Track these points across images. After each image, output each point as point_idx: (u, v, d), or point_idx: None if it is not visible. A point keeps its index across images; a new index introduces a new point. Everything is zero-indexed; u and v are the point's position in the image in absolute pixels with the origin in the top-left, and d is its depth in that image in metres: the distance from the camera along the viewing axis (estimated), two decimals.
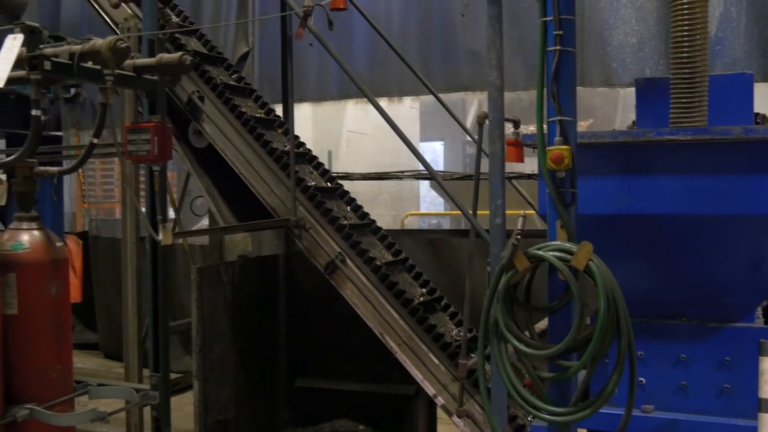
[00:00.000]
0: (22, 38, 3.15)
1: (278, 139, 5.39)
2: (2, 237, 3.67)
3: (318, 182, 5.31)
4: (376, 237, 5.24)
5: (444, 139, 12.81)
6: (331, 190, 5.34)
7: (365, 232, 5.20)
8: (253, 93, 5.66)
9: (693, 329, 3.54)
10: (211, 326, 4.85)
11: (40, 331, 3.65)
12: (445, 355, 4.50)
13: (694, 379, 3.51)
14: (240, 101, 5.36)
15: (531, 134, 3.51)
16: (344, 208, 5.29)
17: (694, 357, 3.52)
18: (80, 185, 9.73)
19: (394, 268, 4.98)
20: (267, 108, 5.67)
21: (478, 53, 6.69)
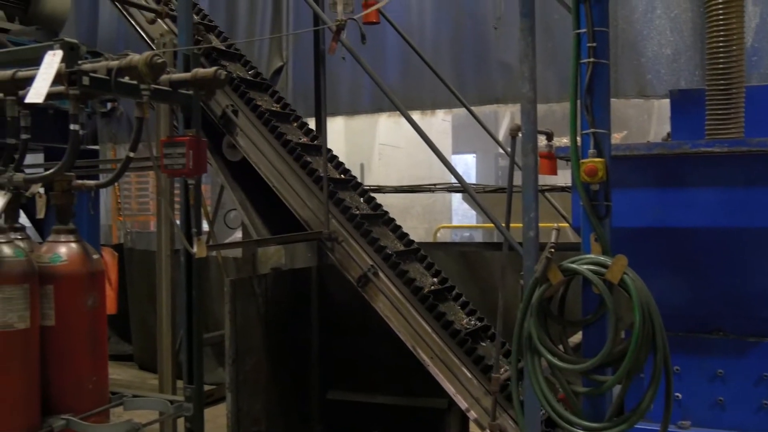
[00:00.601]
0: (61, 54, 3.20)
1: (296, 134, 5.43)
2: (40, 249, 3.73)
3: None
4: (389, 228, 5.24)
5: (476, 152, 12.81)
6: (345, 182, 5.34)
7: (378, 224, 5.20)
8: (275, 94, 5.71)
9: (730, 344, 3.48)
10: (244, 338, 4.87)
11: (77, 343, 3.69)
12: (478, 369, 4.47)
13: (731, 395, 3.45)
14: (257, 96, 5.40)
15: (564, 147, 3.48)
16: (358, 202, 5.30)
17: (731, 372, 3.46)
18: (116, 198, 9.86)
19: (414, 268, 4.98)
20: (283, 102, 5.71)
21: (511, 66, 6.68)
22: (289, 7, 7.69)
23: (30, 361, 3.50)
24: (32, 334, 3.49)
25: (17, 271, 3.41)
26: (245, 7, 7.92)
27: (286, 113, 5.66)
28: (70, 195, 3.76)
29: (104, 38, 8.66)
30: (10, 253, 3.42)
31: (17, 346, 3.42)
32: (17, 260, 3.43)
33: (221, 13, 7.91)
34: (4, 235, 3.47)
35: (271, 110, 5.39)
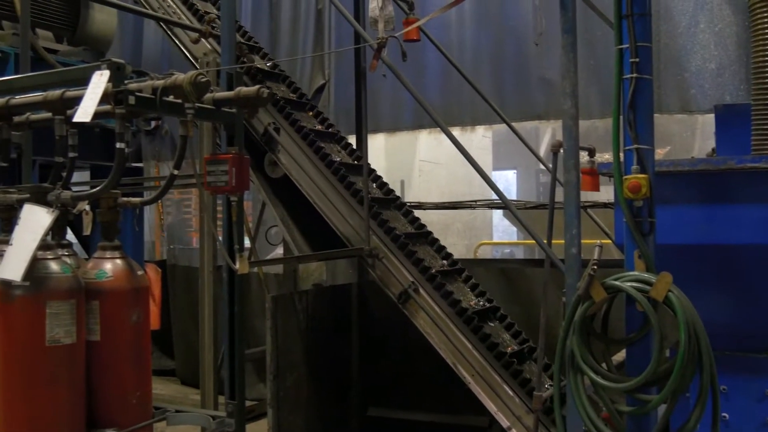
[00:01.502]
0: (108, 74, 3.26)
1: (342, 157, 5.46)
2: (86, 265, 3.78)
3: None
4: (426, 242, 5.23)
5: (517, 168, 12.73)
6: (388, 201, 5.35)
7: (421, 242, 5.20)
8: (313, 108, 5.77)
9: None
10: (286, 354, 4.90)
11: (122, 358, 3.73)
12: (520, 387, 4.43)
13: None
14: (306, 121, 5.45)
15: (607, 162, 3.46)
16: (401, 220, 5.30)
17: None
18: (159, 214, 9.99)
19: (456, 286, 4.96)
20: (327, 123, 5.76)
21: (552, 81, 6.65)
22: (330, 26, 7.77)
23: (76, 376, 3.55)
24: (78, 349, 3.54)
25: (64, 286, 3.47)
26: (287, 26, 8.02)
27: (330, 132, 5.71)
28: (116, 212, 3.82)
29: (149, 58, 8.83)
30: (58, 269, 3.48)
31: (64, 361, 3.48)
32: (64, 276, 3.49)
33: (264, 32, 8.02)
34: (52, 251, 3.53)
35: (314, 129, 5.44)
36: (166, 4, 6.11)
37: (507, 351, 4.60)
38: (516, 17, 7.00)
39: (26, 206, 3.50)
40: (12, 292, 3.39)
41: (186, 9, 6.10)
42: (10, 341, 3.44)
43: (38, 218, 3.44)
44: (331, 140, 5.64)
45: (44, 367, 3.42)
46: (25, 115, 4.18)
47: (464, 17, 7.20)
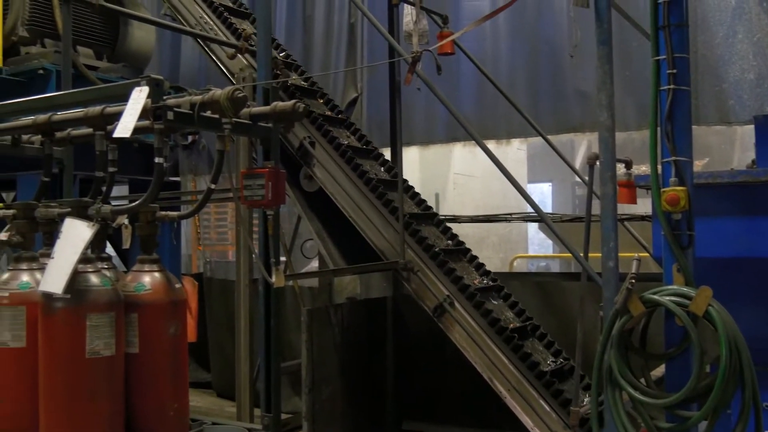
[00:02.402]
0: (147, 90, 3.32)
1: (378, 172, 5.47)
2: (125, 279, 3.84)
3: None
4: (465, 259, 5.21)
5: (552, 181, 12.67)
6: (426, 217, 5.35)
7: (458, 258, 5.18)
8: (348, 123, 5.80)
9: None
10: (321, 368, 4.91)
11: (160, 370, 3.77)
12: (557, 402, 4.39)
13: None
14: (339, 133, 5.48)
15: (644, 175, 3.43)
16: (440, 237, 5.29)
17: None
18: (196, 228, 10.09)
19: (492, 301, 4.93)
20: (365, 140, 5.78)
21: (588, 94, 6.61)
22: (363, 39, 7.81)
23: (115, 388, 3.60)
24: (117, 361, 3.59)
25: (104, 299, 3.52)
26: (320, 40, 8.08)
27: (367, 149, 5.73)
28: (154, 226, 3.87)
29: (186, 73, 8.95)
30: (98, 282, 3.53)
31: (103, 373, 3.52)
32: (104, 289, 3.54)
33: (297, 45, 8.09)
34: (92, 264, 3.59)
35: (351, 146, 5.46)
36: (204, 20, 6.20)
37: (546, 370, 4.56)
38: (551, 29, 6.97)
39: (67, 220, 3.56)
40: (53, 304, 3.45)
41: (222, 25, 6.18)
42: (51, 353, 3.49)
43: (79, 232, 3.50)
44: (367, 156, 5.66)
45: (84, 379, 3.47)
46: (66, 131, 4.27)
47: (499, 30, 7.19)
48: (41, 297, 3.50)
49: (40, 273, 3.65)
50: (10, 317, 3.65)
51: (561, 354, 4.86)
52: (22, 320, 3.65)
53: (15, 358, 3.66)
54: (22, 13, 6.61)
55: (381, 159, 5.76)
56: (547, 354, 4.82)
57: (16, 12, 6.59)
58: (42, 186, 4.36)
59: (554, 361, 4.80)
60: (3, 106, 4.25)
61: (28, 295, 3.65)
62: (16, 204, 3.95)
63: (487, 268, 5.32)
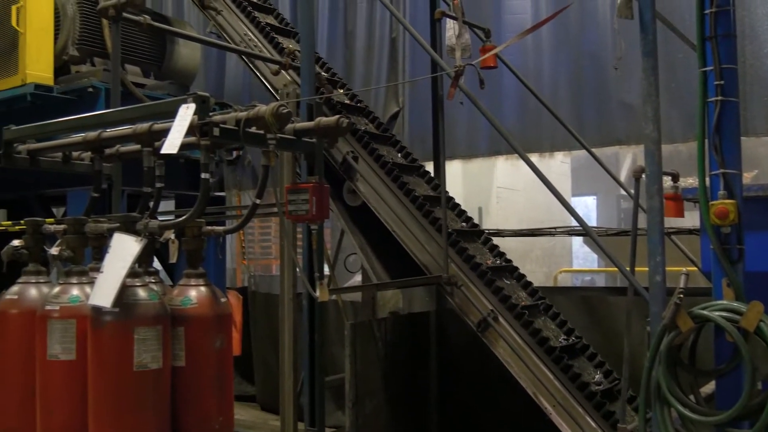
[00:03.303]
0: (194, 107, 3.37)
1: (422, 187, 5.48)
2: (172, 292, 3.89)
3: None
4: (513, 276, 5.17)
5: (597, 194, 12.54)
6: (472, 234, 5.33)
7: (504, 274, 5.14)
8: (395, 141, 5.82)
9: None
10: (364, 382, 4.90)
11: (205, 383, 3.81)
12: (603, 419, 4.33)
13: None
14: (385, 150, 5.49)
15: (691, 188, 3.37)
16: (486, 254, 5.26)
17: None
18: (240, 242, 10.20)
19: (538, 316, 4.89)
20: (411, 158, 5.79)
21: (632, 106, 6.54)
22: (404, 53, 7.84)
23: (162, 400, 3.64)
24: (164, 374, 3.63)
25: (151, 313, 3.57)
26: (362, 54, 8.13)
27: (411, 165, 5.74)
28: (201, 240, 3.92)
29: (231, 89, 9.07)
30: (145, 296, 3.59)
31: (150, 386, 3.57)
32: (151, 303, 3.59)
33: (339, 60, 8.15)
34: (140, 279, 3.64)
35: (395, 162, 5.47)
36: (248, 38, 6.29)
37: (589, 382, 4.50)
38: (594, 41, 6.92)
39: (116, 235, 3.62)
40: (102, 318, 3.51)
41: (267, 42, 6.26)
42: (100, 366, 3.55)
43: (127, 246, 3.56)
44: (411, 171, 5.66)
45: (132, 392, 3.52)
46: (115, 148, 4.36)
47: (541, 43, 7.17)
48: (91, 310, 3.56)
49: (89, 287, 3.72)
50: (61, 330, 3.73)
51: (611, 374, 4.78)
52: (72, 333, 3.72)
53: (65, 371, 3.72)
54: (73, 33, 6.77)
55: (425, 174, 5.76)
56: (595, 372, 4.75)
57: (67, 32, 6.75)
58: (91, 201, 4.45)
59: (603, 379, 4.72)
60: (54, 124, 4.36)
61: (78, 309, 3.72)
62: (67, 219, 4.03)
63: (532, 284, 5.27)
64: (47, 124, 4.38)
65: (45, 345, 3.73)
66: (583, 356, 4.85)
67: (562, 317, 5.07)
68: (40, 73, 6.42)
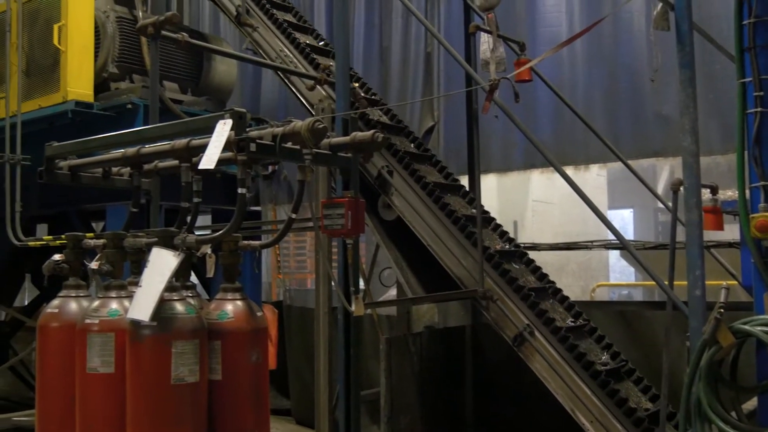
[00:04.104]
0: (231, 123, 3.41)
1: (460, 204, 5.46)
2: (209, 306, 3.91)
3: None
4: (556, 299, 5.13)
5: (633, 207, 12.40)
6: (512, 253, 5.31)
7: (546, 296, 5.10)
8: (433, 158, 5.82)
9: None
10: (399, 396, 4.89)
11: (242, 397, 3.82)
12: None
13: None
14: (423, 169, 5.50)
15: (731, 200, 3.34)
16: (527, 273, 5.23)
17: None
18: (276, 256, 10.25)
19: (579, 335, 4.84)
20: (452, 177, 5.79)
21: (669, 117, 6.48)
22: (440, 68, 7.86)
23: (199, 414, 3.66)
24: (201, 388, 3.66)
25: (189, 327, 3.60)
26: (397, 68, 8.17)
27: (450, 184, 5.72)
28: (237, 255, 3.94)
29: (266, 104, 9.17)
30: (183, 310, 3.62)
31: (188, 399, 3.59)
32: (189, 317, 3.62)
33: (374, 75, 8.20)
34: (177, 293, 3.67)
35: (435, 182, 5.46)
36: (284, 53, 6.35)
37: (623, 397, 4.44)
38: (630, 53, 6.88)
39: (154, 249, 3.66)
40: (141, 331, 3.54)
41: (302, 58, 6.32)
42: (138, 379, 3.59)
43: (165, 261, 3.60)
44: (447, 186, 5.64)
45: (170, 405, 3.55)
46: (153, 163, 4.41)
47: (576, 55, 7.14)
48: (129, 324, 3.60)
49: (128, 301, 3.76)
50: (100, 344, 3.77)
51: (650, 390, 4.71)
52: (111, 347, 3.76)
53: (104, 384, 3.76)
54: (113, 50, 6.90)
55: (460, 188, 5.75)
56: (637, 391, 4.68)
57: (107, 50, 6.88)
58: (130, 216, 4.51)
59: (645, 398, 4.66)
60: (95, 140, 4.44)
61: (116, 323, 3.76)
62: (106, 234, 4.08)
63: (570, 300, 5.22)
64: (87, 141, 4.45)
65: (84, 358, 3.78)
66: (622, 374, 4.78)
67: (592, 325, 5.02)
68: (81, 90, 6.54)
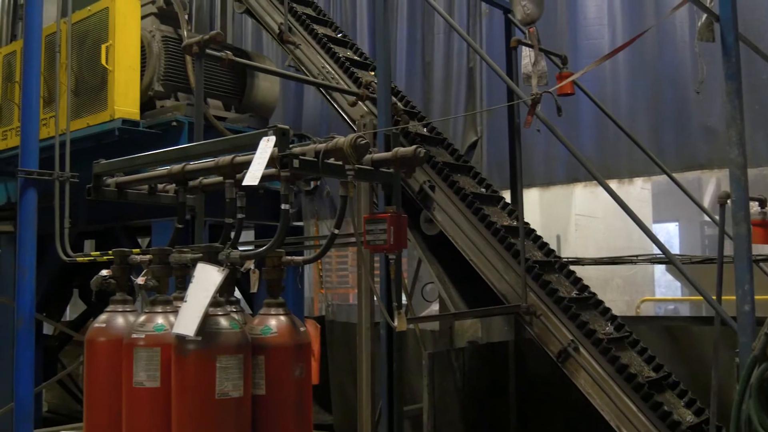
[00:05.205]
0: (274, 140, 3.44)
1: (502, 217, 5.44)
2: (252, 322, 3.94)
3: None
4: (597, 311, 5.07)
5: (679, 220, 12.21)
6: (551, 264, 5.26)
7: (587, 307, 5.04)
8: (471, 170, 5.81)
9: None
10: (442, 413, 4.87)
11: (285, 412, 3.83)
12: None
13: None
14: (463, 181, 5.49)
15: None
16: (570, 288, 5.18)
17: None
18: (318, 272, 10.29)
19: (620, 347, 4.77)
20: (491, 189, 5.77)
21: (714, 129, 6.39)
22: (482, 82, 7.86)
23: (242, 429, 3.67)
24: (245, 403, 3.67)
25: (233, 342, 3.63)
26: (440, 84, 8.19)
27: (490, 195, 5.71)
28: (280, 270, 3.96)
29: (309, 121, 9.24)
30: (227, 325, 3.64)
31: (232, 414, 3.61)
32: (233, 332, 3.65)
33: (417, 91, 8.22)
34: (222, 308, 3.71)
35: (475, 193, 5.45)
36: (326, 70, 6.41)
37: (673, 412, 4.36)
38: (674, 65, 6.81)
39: (199, 265, 3.70)
40: (186, 346, 3.58)
41: (343, 73, 6.36)
42: (183, 393, 3.62)
43: (210, 276, 3.63)
44: (489, 200, 5.63)
45: (214, 419, 3.57)
46: (198, 180, 4.48)
47: (618, 68, 7.09)
48: (174, 339, 3.64)
49: (173, 316, 3.80)
50: (146, 358, 3.81)
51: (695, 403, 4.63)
52: (156, 361, 3.80)
53: (150, 398, 3.80)
54: (158, 69, 7.03)
55: (502, 203, 5.73)
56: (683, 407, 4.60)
57: (153, 69, 7.01)
58: (176, 232, 4.57)
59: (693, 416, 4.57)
60: (141, 158, 4.51)
61: (162, 337, 3.80)
62: (152, 250, 4.14)
63: (610, 311, 5.16)
64: (134, 158, 4.53)
65: (131, 372, 3.82)
66: (669, 389, 4.71)
67: (642, 345, 4.95)
68: (128, 108, 6.65)
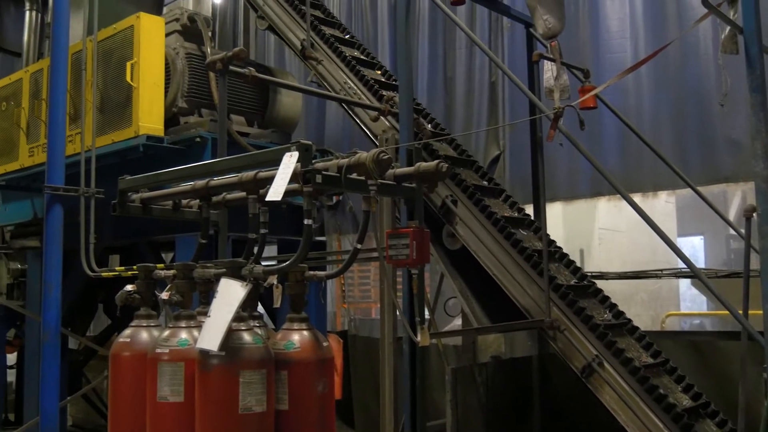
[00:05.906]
0: (297, 155, 3.45)
1: (529, 238, 5.41)
2: (276, 336, 3.94)
3: (570, 281, 5.22)
4: (633, 337, 5.01)
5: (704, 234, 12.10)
6: (584, 288, 5.23)
7: (621, 333, 4.99)
8: (502, 193, 5.78)
9: None
10: (465, 428, 4.84)
11: (308, 427, 3.82)
12: None
13: None
14: (491, 202, 5.47)
15: None
16: (598, 308, 5.13)
17: None
18: (340, 286, 10.30)
19: (654, 371, 4.71)
20: (516, 207, 5.75)
21: (739, 142, 6.34)
22: (504, 96, 7.86)
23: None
24: (268, 418, 3.67)
25: (256, 357, 3.63)
26: (462, 99, 8.21)
27: (520, 218, 5.68)
28: (303, 285, 3.97)
29: (331, 136, 9.29)
30: (250, 340, 3.66)
31: (255, 428, 3.61)
32: (256, 347, 3.66)
33: (439, 105, 8.24)
34: (245, 323, 3.72)
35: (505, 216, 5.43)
36: (348, 86, 6.44)
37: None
38: (697, 78, 6.78)
39: (223, 280, 3.72)
40: (209, 361, 3.59)
41: (366, 89, 6.39)
42: (207, 408, 3.63)
43: (233, 291, 3.65)
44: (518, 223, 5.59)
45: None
46: (221, 195, 4.51)
47: (641, 81, 7.06)
48: (198, 354, 3.66)
49: (197, 330, 3.82)
50: (170, 373, 3.83)
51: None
52: (180, 376, 3.82)
53: (174, 412, 3.82)
54: (182, 86, 7.09)
55: (525, 217, 5.71)
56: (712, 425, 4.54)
57: (177, 85, 7.08)
58: (199, 247, 4.59)
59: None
60: (165, 174, 4.55)
61: (186, 352, 3.82)
62: (176, 265, 4.16)
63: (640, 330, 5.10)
64: (158, 174, 4.57)
65: (155, 387, 3.84)
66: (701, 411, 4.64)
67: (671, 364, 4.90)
68: (152, 125, 6.71)
